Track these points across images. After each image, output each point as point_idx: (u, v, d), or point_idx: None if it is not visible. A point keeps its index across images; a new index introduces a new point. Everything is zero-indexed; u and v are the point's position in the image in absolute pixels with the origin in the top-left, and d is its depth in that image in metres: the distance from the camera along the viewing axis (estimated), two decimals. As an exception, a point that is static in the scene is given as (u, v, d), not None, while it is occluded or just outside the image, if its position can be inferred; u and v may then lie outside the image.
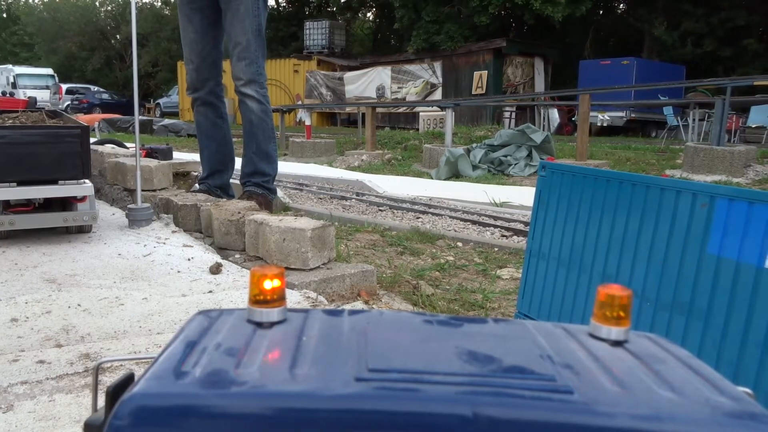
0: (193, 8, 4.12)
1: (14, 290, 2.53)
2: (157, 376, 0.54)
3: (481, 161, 9.76)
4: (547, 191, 1.94)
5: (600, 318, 0.64)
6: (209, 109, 4.31)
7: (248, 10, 3.94)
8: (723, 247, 1.33)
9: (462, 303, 3.22)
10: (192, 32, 4.14)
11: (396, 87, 21.50)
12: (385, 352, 0.59)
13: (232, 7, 3.94)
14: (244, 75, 4.00)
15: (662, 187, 1.51)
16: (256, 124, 4.11)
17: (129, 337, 2.13)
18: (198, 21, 4.13)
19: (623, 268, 1.61)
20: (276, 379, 0.53)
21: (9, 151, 3.12)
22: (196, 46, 4.14)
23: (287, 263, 2.80)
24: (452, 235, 4.94)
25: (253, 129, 4.12)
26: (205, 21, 4.15)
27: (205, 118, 4.32)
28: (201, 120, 4.34)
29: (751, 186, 8.03)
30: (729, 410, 0.51)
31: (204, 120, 4.33)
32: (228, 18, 3.98)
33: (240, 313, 0.67)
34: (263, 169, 4.21)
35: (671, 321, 1.44)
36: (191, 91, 4.27)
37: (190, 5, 4.12)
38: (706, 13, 18.45)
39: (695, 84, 12.57)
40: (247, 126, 4.15)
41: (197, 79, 4.20)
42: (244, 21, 3.95)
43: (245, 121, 4.15)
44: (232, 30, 3.98)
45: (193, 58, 4.16)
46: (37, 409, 1.62)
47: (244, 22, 3.95)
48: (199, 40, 4.14)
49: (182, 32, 4.20)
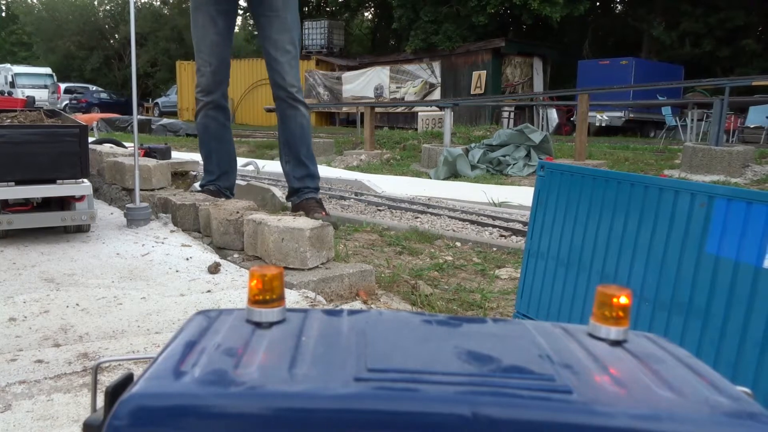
0: (219, 10, 4.08)
1: (12, 289, 2.53)
2: (156, 376, 0.54)
3: (479, 161, 9.76)
4: (545, 191, 1.94)
5: (599, 318, 0.64)
6: (220, 112, 4.30)
7: (295, 21, 4.09)
8: (721, 247, 1.33)
9: (460, 303, 3.22)
10: (215, 34, 4.09)
11: (394, 87, 21.50)
12: (385, 351, 0.59)
13: (281, 16, 4.00)
14: (297, 82, 4.14)
15: (660, 187, 1.51)
16: (306, 129, 4.25)
17: (127, 336, 2.13)
18: (222, 24, 4.11)
19: (622, 267, 1.61)
20: (275, 379, 0.53)
21: (7, 150, 3.11)
22: (217, 49, 4.11)
23: (286, 263, 2.80)
24: (451, 235, 4.94)
25: (303, 134, 4.25)
26: (228, 24, 4.14)
27: (215, 121, 4.29)
28: (210, 123, 4.29)
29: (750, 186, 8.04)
30: (728, 410, 0.51)
31: (214, 123, 4.30)
32: (275, 26, 4.03)
33: (239, 313, 0.67)
34: (314, 172, 4.38)
35: (669, 320, 1.44)
36: (205, 94, 4.20)
37: (216, 6, 4.08)
38: (705, 13, 18.47)
39: (694, 84, 12.57)
40: (297, 131, 4.21)
41: (213, 81, 4.16)
42: (292, 31, 4.09)
43: (296, 126, 4.19)
44: (280, 38, 4.03)
45: (213, 61, 4.12)
46: (36, 409, 1.61)
47: (292, 31, 4.08)
48: (221, 42, 4.12)
49: (201, 32, 4.12)
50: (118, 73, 34.85)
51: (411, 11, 21.52)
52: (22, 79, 26.96)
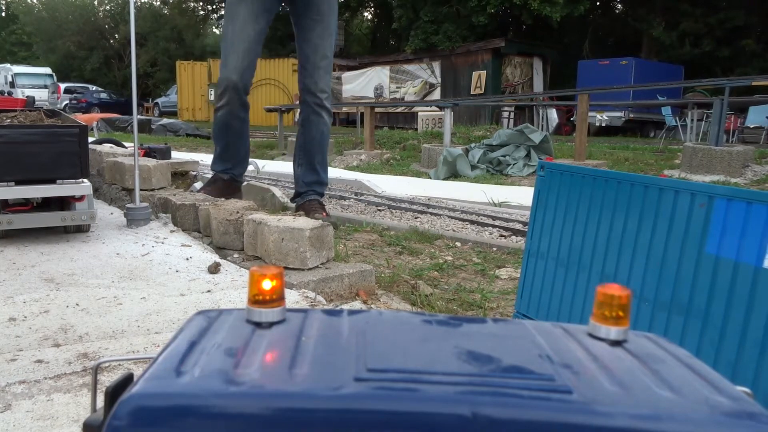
0: (265, 9, 4.03)
1: (12, 289, 2.53)
2: (156, 376, 0.54)
3: (479, 161, 9.76)
4: (545, 191, 1.94)
5: (599, 318, 0.64)
6: (242, 108, 4.21)
7: (335, 27, 4.09)
8: (721, 247, 1.33)
9: (460, 303, 3.22)
10: (254, 32, 4.01)
11: (394, 87, 21.50)
12: (384, 352, 0.59)
13: (325, 21, 3.99)
14: (328, 89, 4.12)
15: (661, 187, 1.51)
16: (326, 136, 4.22)
17: (127, 336, 2.13)
18: (263, 22, 4.05)
19: (621, 267, 1.61)
20: (275, 379, 0.53)
21: (7, 150, 3.11)
22: (252, 45, 4.03)
23: (286, 263, 2.80)
24: (451, 235, 4.94)
25: (322, 140, 4.22)
26: (267, 23, 4.09)
27: (238, 118, 4.20)
28: (233, 120, 4.19)
29: (750, 186, 8.04)
30: (728, 410, 0.51)
31: (237, 120, 4.21)
32: (318, 30, 4.00)
33: (239, 313, 0.67)
34: (324, 179, 4.40)
35: (669, 321, 1.44)
36: (234, 92, 4.07)
37: (263, 5, 4.02)
38: (705, 13, 18.46)
39: (694, 84, 12.56)
40: (317, 137, 4.17)
41: (242, 77, 4.06)
42: (332, 37, 4.07)
43: (316, 132, 4.15)
44: (321, 43, 4.01)
45: (245, 56, 4.02)
46: (35, 409, 1.61)
47: (332, 38, 4.07)
48: (257, 40, 4.06)
49: (240, 26, 4.00)
50: (118, 73, 34.85)
51: (411, 11, 21.51)
52: (22, 79, 26.97)
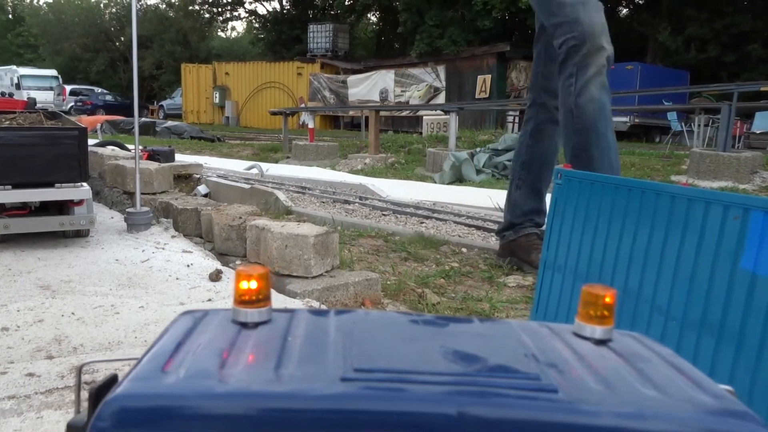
0: None
1: (6, 297, 2.45)
2: (140, 377, 0.54)
3: (485, 166, 9.68)
4: (563, 200, 1.85)
5: (584, 317, 0.64)
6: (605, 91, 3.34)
7: None
8: (758, 263, 1.24)
9: (468, 312, 3.13)
10: None
11: (399, 90, 21.47)
12: (371, 351, 0.59)
13: None
14: None
15: (689, 198, 1.42)
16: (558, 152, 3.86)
17: (123, 347, 2.05)
18: None
19: (646, 282, 1.52)
20: (261, 380, 0.53)
21: (4, 152, 3.04)
22: None
23: (289, 270, 2.72)
24: (456, 241, 4.85)
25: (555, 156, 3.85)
26: None
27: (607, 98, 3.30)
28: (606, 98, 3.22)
29: (759, 193, 7.94)
30: (711, 408, 0.52)
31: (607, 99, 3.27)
32: None
33: (225, 313, 0.67)
34: (545, 207, 3.62)
35: (699, 341, 1.35)
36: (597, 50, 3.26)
37: None
38: (710, 18, 18.38)
39: (701, 89, 12.48)
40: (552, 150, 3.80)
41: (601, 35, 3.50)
42: None
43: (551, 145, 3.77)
44: None
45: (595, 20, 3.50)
46: (24, 427, 1.53)
47: None
48: None
49: None
50: (124, 75, 34.93)
51: (416, 15, 21.49)
52: (27, 81, 27.09)
